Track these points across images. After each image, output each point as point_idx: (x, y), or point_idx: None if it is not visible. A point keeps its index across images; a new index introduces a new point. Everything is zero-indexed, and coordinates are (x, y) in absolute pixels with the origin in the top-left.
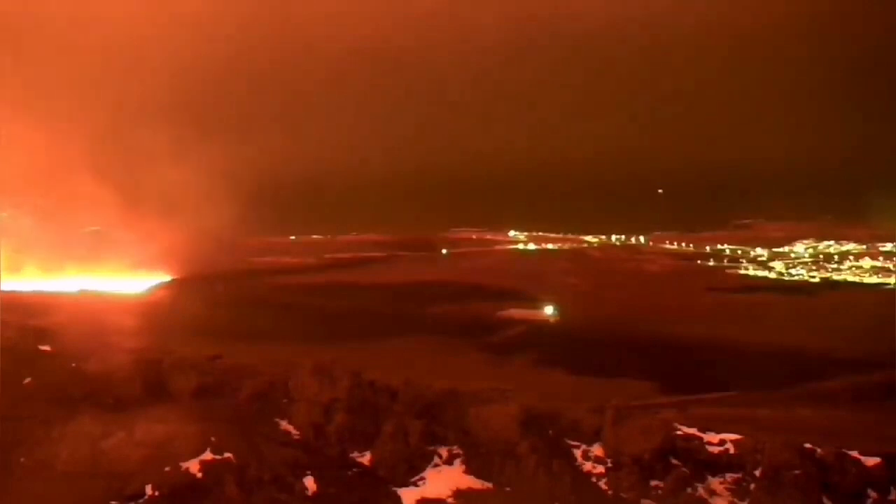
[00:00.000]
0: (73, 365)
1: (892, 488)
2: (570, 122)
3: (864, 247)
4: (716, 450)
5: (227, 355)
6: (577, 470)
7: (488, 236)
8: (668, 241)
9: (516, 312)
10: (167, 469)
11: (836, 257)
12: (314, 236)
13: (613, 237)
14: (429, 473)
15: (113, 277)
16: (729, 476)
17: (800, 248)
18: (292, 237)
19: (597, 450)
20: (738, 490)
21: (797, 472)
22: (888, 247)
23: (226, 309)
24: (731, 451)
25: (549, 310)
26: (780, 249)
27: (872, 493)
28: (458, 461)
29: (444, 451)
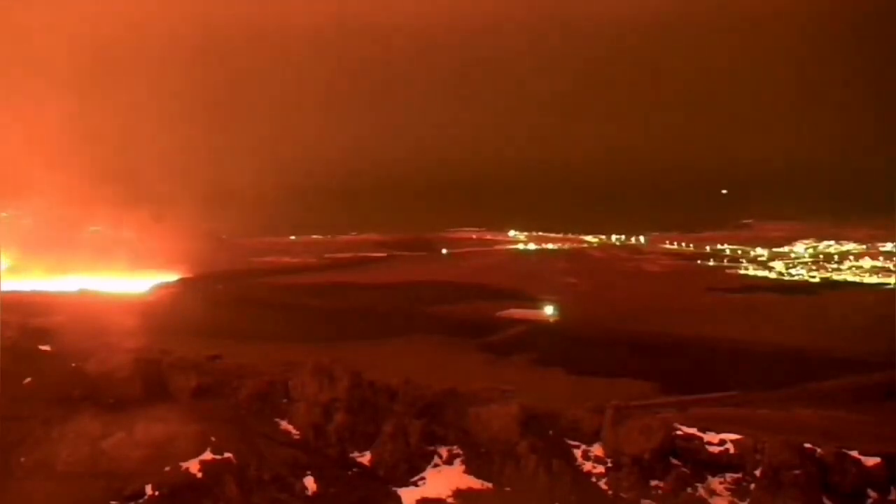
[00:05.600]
0: (73, 365)
1: (892, 488)
2: (571, 122)
3: (864, 247)
4: (716, 450)
5: (227, 355)
6: (577, 470)
7: (488, 236)
8: (668, 241)
9: (516, 312)
10: (167, 469)
11: (836, 257)
12: (314, 236)
13: (613, 237)
14: (429, 473)
15: (113, 277)
16: (729, 476)
17: (800, 248)
18: (292, 237)
19: (597, 450)
20: (738, 490)
21: (797, 472)
22: (888, 247)
23: (226, 309)
24: (731, 451)
25: (548, 310)
26: (780, 249)
27: (872, 493)
28: (458, 461)
29: (444, 451)
